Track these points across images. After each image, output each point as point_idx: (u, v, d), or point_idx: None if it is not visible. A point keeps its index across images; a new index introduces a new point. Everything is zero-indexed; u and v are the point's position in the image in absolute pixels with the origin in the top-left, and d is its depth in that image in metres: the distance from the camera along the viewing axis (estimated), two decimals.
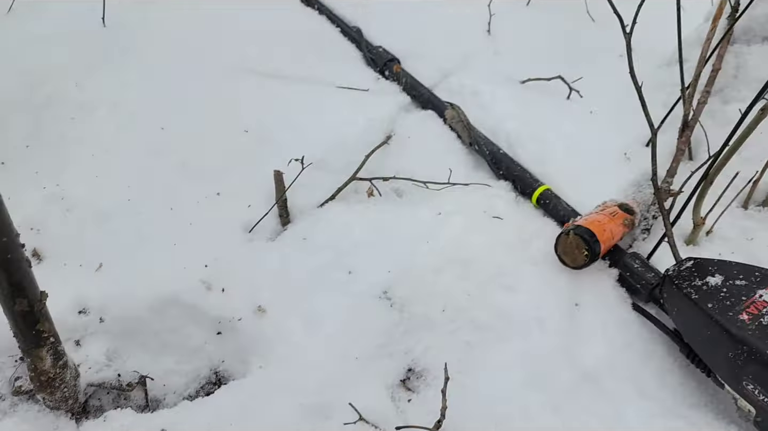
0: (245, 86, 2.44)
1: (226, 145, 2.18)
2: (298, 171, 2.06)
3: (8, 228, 1.27)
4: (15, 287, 1.33)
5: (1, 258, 1.28)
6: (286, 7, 2.96)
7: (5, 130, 2.03)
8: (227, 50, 2.62)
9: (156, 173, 2.07)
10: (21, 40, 2.39)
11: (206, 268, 1.84)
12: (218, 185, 2.07)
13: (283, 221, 2.02)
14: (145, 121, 2.19)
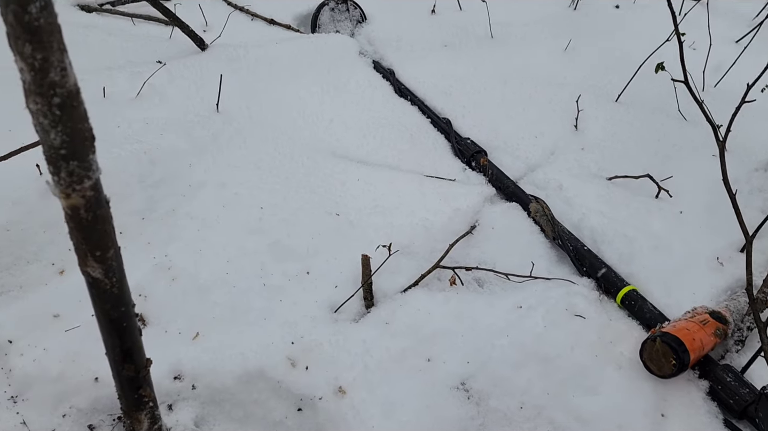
0: (338, 170, 2.59)
1: (317, 227, 2.30)
2: (384, 256, 2.15)
3: (127, 299, 1.41)
4: (125, 353, 1.46)
5: (117, 327, 1.41)
6: (381, 97, 3.15)
7: (125, 203, 2.24)
8: (324, 137, 2.81)
9: (252, 250, 2.21)
10: (144, 121, 2.67)
11: (292, 345, 1.93)
12: (308, 264, 2.19)
13: (367, 304, 2.09)
14: (246, 201, 2.36)
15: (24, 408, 1.79)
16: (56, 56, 0.98)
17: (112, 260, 1.38)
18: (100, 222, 1.27)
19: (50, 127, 1.06)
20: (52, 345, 1.85)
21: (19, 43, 0.94)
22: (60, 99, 1.02)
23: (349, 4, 3.79)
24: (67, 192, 1.17)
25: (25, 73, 0.98)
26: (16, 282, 2.00)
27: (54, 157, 1.10)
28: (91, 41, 3.19)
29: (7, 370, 1.84)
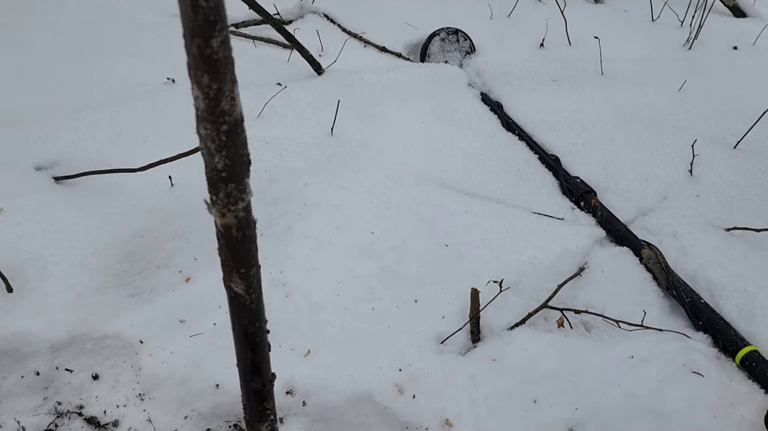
0: (447, 201, 2.63)
1: (426, 256, 2.34)
2: (493, 290, 2.15)
3: (262, 316, 1.49)
4: (255, 366, 1.54)
5: (251, 341, 1.49)
6: (488, 130, 3.18)
7: None
8: (432, 165, 2.86)
9: (362, 273, 2.27)
10: (265, 140, 2.82)
11: (400, 372, 1.96)
12: (416, 293, 2.22)
13: (473, 338, 2.10)
14: (358, 224, 2.44)
15: (150, 406, 1.91)
16: (228, 87, 1.07)
17: (253, 277, 1.46)
18: (248, 241, 1.36)
19: (216, 151, 1.15)
20: (178, 349, 1.98)
21: (198, 73, 1.03)
22: (227, 126, 1.11)
23: (460, 35, 3.85)
24: (222, 212, 1.25)
25: (199, 101, 1.08)
26: (147, 285, 2.15)
27: (215, 179, 1.20)
28: None
29: (137, 368, 1.98)
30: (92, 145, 2.65)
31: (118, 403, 1.92)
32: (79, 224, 2.28)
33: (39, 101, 2.84)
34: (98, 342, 1.99)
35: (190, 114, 2.61)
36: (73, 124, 2.71)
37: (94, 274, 2.10)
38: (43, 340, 1.93)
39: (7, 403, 1.90)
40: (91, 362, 1.98)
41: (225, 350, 2.00)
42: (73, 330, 1.97)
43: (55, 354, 1.95)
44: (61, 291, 2.03)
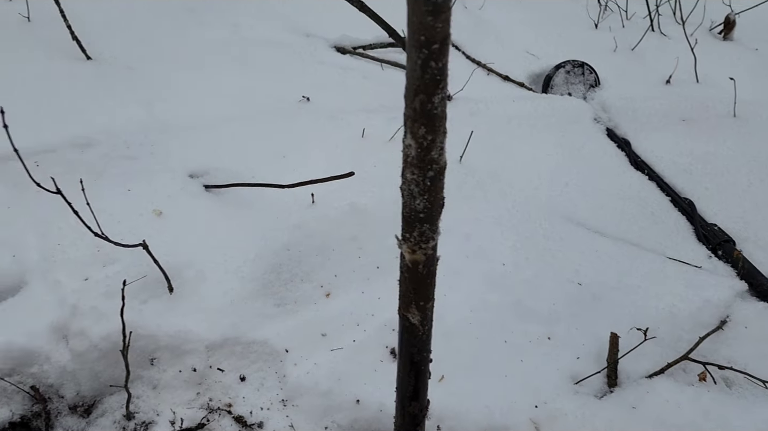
0: (576, 237, 2.62)
1: (558, 293, 2.34)
2: (630, 336, 2.13)
3: (429, 346, 1.54)
4: (415, 392, 1.60)
5: (416, 369, 1.55)
6: (616, 168, 3.14)
7: (384, 241, 2.44)
8: (559, 200, 2.86)
9: (494, 305, 2.30)
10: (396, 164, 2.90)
11: (536, 409, 1.97)
12: (549, 330, 2.23)
13: (610, 382, 2.08)
14: (489, 255, 2.47)
15: (293, 413, 2.01)
16: (440, 138, 1.13)
17: (429, 310, 1.53)
18: (431, 276, 1.43)
19: (418, 194, 1.23)
20: (321, 361, 2.07)
21: (415, 125, 1.10)
22: (433, 173, 1.18)
23: (585, 68, 3.83)
24: (413, 248, 1.33)
25: (411, 149, 1.15)
26: (292, 297, 2.26)
27: (412, 219, 1.27)
28: (349, 83, 3.54)
29: (281, 375, 2.08)
30: (239, 157, 2.82)
31: (262, 406, 2.03)
32: (229, 233, 2.43)
33: (192, 113, 3.05)
34: (247, 347, 2.12)
35: (325, 130, 2.75)
36: (223, 136, 2.90)
37: (246, 282, 2.24)
38: (201, 339, 2.08)
39: (164, 394, 2.06)
40: (239, 364, 2.11)
41: (364, 367, 2.08)
42: (227, 333, 2.11)
43: (210, 354, 2.09)
44: (216, 296, 2.18)
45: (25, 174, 2.58)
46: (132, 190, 2.56)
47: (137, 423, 2.02)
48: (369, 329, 2.17)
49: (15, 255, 2.27)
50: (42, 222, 2.39)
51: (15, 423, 2.02)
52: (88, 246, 2.32)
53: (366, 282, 2.32)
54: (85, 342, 2.02)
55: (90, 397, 2.09)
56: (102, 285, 2.15)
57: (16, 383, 2.01)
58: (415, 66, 0.99)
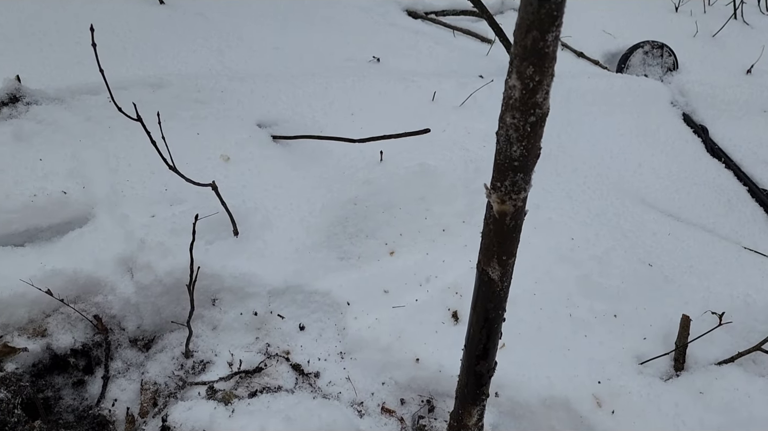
0: (648, 219, 2.52)
1: (628, 271, 2.26)
2: (701, 321, 2.04)
3: (505, 304, 1.50)
4: (485, 351, 1.56)
5: (489, 326, 1.51)
6: (692, 153, 3.01)
7: (451, 204, 2.39)
8: (632, 180, 2.76)
9: (560, 278, 2.23)
10: (466, 129, 2.83)
11: (599, 385, 1.91)
12: (616, 307, 2.15)
13: (677, 366, 2.00)
14: (558, 228, 2.39)
15: (350, 366, 1.99)
16: (547, 80, 1.06)
17: (511, 266, 1.47)
18: (517, 230, 1.37)
19: (516, 140, 1.16)
20: (382, 317, 2.04)
21: (523, 64, 1.03)
22: (535, 118, 1.11)
23: (665, 50, 3.67)
24: (503, 199, 1.27)
25: (514, 91, 1.08)
26: (356, 251, 2.24)
27: (505, 167, 1.21)
28: (421, 47, 3.47)
29: (340, 328, 2.07)
30: (308, 111, 2.80)
31: (320, 356, 2.02)
32: (295, 183, 2.42)
33: (263, 64, 3.04)
34: (308, 296, 2.11)
35: (395, 92, 2.68)
36: (293, 90, 2.88)
37: (311, 233, 2.22)
38: (264, 284, 2.07)
39: (224, 335, 2.06)
40: (299, 313, 2.10)
41: (425, 327, 2.05)
42: (290, 281, 2.10)
43: (271, 299, 2.09)
44: (282, 243, 2.17)
45: (97, 108, 2.62)
46: (201, 134, 2.56)
47: (195, 362, 2.03)
48: (432, 290, 2.13)
49: (85, 187, 2.30)
50: (112, 157, 2.41)
51: (76, 351, 2.06)
52: (156, 185, 2.33)
53: (431, 243, 2.28)
54: (150, 275, 2.04)
55: (150, 332, 2.12)
56: (169, 223, 2.16)
57: (80, 310, 2.04)
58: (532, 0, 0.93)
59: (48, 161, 2.33)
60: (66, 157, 2.36)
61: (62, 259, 2.05)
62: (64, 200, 2.22)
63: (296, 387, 1.94)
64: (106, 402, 2.00)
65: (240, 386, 1.92)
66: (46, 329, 1.99)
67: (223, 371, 1.97)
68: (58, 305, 2.01)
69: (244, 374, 1.95)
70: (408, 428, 1.88)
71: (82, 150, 2.42)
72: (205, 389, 1.90)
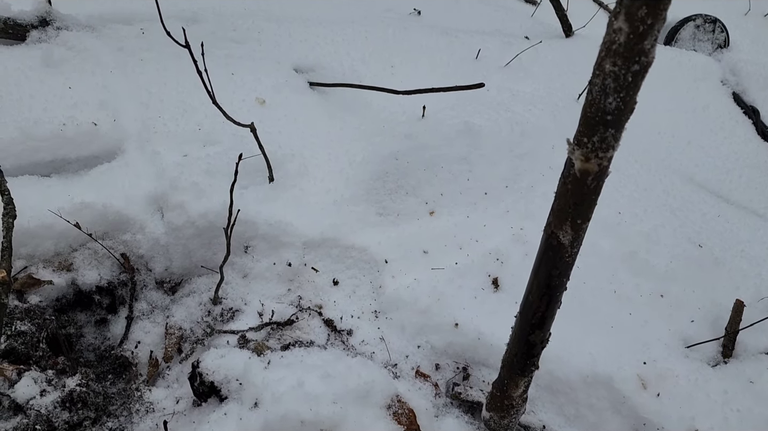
0: (697, 199, 2.41)
1: (677, 251, 2.16)
2: (754, 308, 1.95)
3: (570, 272, 1.40)
4: (541, 320, 1.47)
5: (551, 294, 1.41)
6: (742, 134, 2.88)
7: (495, 168, 2.28)
8: (680, 158, 2.64)
9: (606, 253, 2.13)
10: (511, 91, 2.70)
11: (644, 365, 1.83)
12: (663, 287, 2.06)
13: (725, 352, 1.92)
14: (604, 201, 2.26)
15: (385, 326, 1.91)
16: (659, 26, 0.95)
17: (584, 231, 1.37)
18: (596, 192, 1.27)
19: (614, 90, 1.05)
20: (422, 277, 1.95)
21: (635, 4, 0.92)
22: (639, 67, 1.00)
23: (717, 25, 3.50)
24: (588, 156, 1.16)
25: (620, 35, 0.97)
26: (395, 208, 2.14)
27: (596, 120, 1.10)
28: (463, 3, 3.31)
29: (376, 286, 1.98)
30: (346, 59, 2.66)
31: (353, 313, 1.94)
32: (334, 133, 2.30)
33: (300, 9, 2.89)
34: (344, 251, 2.02)
35: (437, 47, 2.54)
36: (331, 36, 2.74)
37: (350, 185, 2.12)
38: (299, 235, 1.98)
39: (255, 284, 1.98)
40: (334, 267, 2.01)
41: (464, 291, 1.96)
42: (326, 233, 2.01)
43: (306, 251, 2.00)
44: (319, 193, 2.07)
45: (129, 39, 2.48)
46: (236, 75, 2.43)
47: (224, 309, 1.95)
48: (472, 254, 2.04)
49: (116, 119, 2.19)
50: (144, 92, 2.30)
51: (101, 288, 1.98)
52: (189, 124, 2.22)
53: (472, 206, 2.18)
54: (182, 216, 1.94)
55: (178, 275, 2.04)
56: (203, 163, 2.06)
57: (108, 247, 1.96)
58: None
59: (78, 90, 2.21)
60: (96, 87, 2.24)
61: (91, 193, 1.96)
62: (93, 132, 2.12)
63: (329, 344, 1.87)
64: (129, 344, 1.93)
65: (271, 338, 1.84)
66: (72, 263, 1.91)
67: (253, 321, 1.90)
68: (85, 240, 1.93)
69: (276, 326, 1.87)
70: (442, 394, 1.81)
71: (114, 81, 2.30)
72: (235, 338, 1.82)
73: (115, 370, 1.89)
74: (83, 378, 1.73)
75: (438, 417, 1.74)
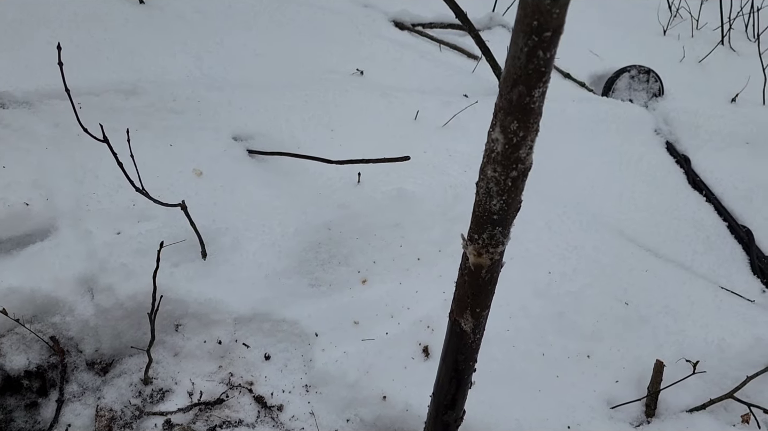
0: (626, 254, 2.49)
1: (603, 310, 2.22)
2: (674, 366, 2.01)
3: (476, 355, 1.45)
4: (452, 401, 1.51)
5: (459, 377, 1.46)
6: (673, 185, 2.99)
7: (426, 232, 2.34)
8: (611, 212, 2.73)
9: (535, 314, 2.19)
10: (448, 152, 2.78)
11: (568, 429, 1.87)
12: (590, 347, 2.12)
13: (648, 412, 1.97)
14: (535, 260, 2.35)
15: (315, 400, 1.93)
16: (531, 136, 1.01)
17: (484, 319, 1.42)
18: (492, 283, 1.32)
19: (497, 194, 1.11)
20: (351, 350, 1.98)
21: (507, 119, 0.98)
22: (516, 173, 1.06)
23: (651, 75, 3.65)
24: (480, 251, 1.21)
25: (497, 144, 1.03)
26: (327, 278, 2.18)
27: (484, 220, 1.15)
28: (406, 61, 3.40)
29: (307, 359, 2.01)
30: (285, 125, 2.72)
31: (284, 388, 1.96)
32: (269, 203, 2.34)
33: (244, 73, 2.95)
34: (275, 325, 2.04)
35: (376, 108, 2.61)
36: (272, 102, 2.80)
37: (282, 257, 2.15)
38: (230, 311, 2.00)
39: (185, 363, 1.99)
40: (265, 341, 2.03)
41: (394, 362, 2.00)
42: (257, 308, 2.03)
43: (237, 327, 2.02)
44: (251, 268, 2.10)
45: (65, 114, 2.51)
46: (174, 146, 2.47)
47: (154, 389, 1.95)
48: (403, 323, 2.08)
49: (48, 198, 2.20)
50: (80, 167, 2.32)
51: (30, 372, 1.97)
52: (124, 200, 2.24)
53: (405, 272, 2.23)
54: (111, 298, 1.96)
55: (109, 356, 2.04)
56: (134, 242, 2.08)
57: (36, 331, 1.96)
58: (520, 53, 0.87)
59: (11, 169, 2.23)
60: (31, 166, 2.26)
61: (20, 276, 1.96)
62: (26, 212, 2.13)
63: (258, 421, 1.88)
64: (60, 427, 1.92)
65: (199, 419, 1.85)
66: None
67: (183, 401, 1.90)
68: (13, 325, 1.93)
69: (204, 406, 1.88)
70: None
71: (48, 158, 2.32)
72: (162, 421, 1.82)
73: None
74: None
75: None
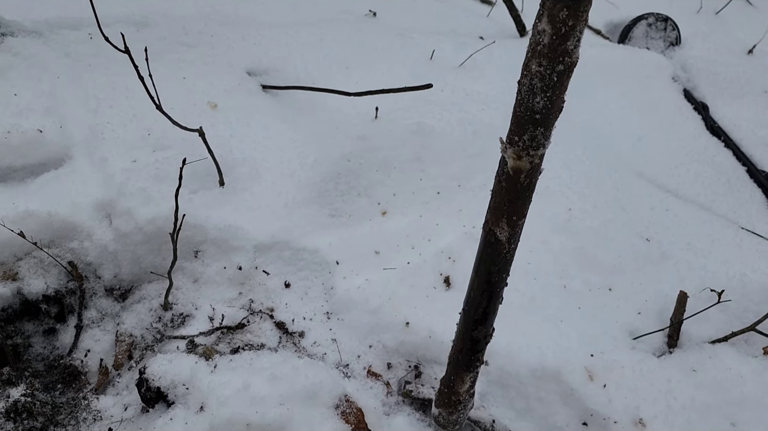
0: (646, 193, 2.46)
1: (625, 245, 2.20)
2: (696, 298, 2.00)
3: (510, 268, 1.42)
4: (484, 315, 1.49)
5: (491, 289, 1.43)
6: (692, 130, 2.95)
7: (447, 167, 2.30)
8: (630, 154, 2.69)
9: (556, 248, 2.16)
10: (465, 91, 2.73)
11: (591, 358, 1.87)
12: (611, 281, 2.10)
13: (670, 342, 1.97)
14: (555, 197, 2.32)
15: (337, 327, 1.92)
16: (580, 26, 0.97)
17: (520, 228, 1.39)
18: (531, 190, 1.29)
19: (540, 90, 1.07)
20: (372, 278, 1.97)
21: (556, 7, 0.94)
22: (563, 67, 1.02)
23: (669, 23, 3.58)
24: (519, 154, 1.18)
25: (544, 36, 0.99)
26: (347, 209, 2.15)
27: (525, 120, 1.12)
28: (419, 3, 3.33)
29: (328, 287, 1.99)
30: (300, 62, 2.67)
31: (305, 315, 1.95)
32: (286, 135, 2.30)
33: (255, 10, 2.88)
34: (296, 253, 2.02)
35: (392, 48, 2.56)
36: (285, 39, 2.74)
37: (302, 187, 2.12)
38: (250, 238, 1.98)
39: (205, 289, 1.97)
40: (286, 270, 2.01)
41: (416, 290, 1.98)
42: (277, 236, 2.01)
43: (257, 254, 2.00)
44: (270, 196, 2.07)
45: (77, 44, 2.45)
46: (187, 79, 2.42)
47: (174, 314, 1.94)
48: (424, 254, 2.06)
49: (62, 126, 2.16)
50: (92, 97, 2.27)
51: (48, 297, 1.95)
52: (139, 129, 2.20)
53: (425, 205, 2.20)
54: (130, 222, 1.93)
55: (128, 281, 2.02)
56: (152, 168, 2.05)
57: (54, 255, 1.93)
58: None
59: (23, 97, 2.18)
60: (43, 94, 2.21)
61: (36, 201, 1.93)
62: (39, 139, 2.09)
63: (280, 346, 1.87)
64: (79, 353, 1.91)
65: (221, 342, 1.83)
66: (17, 273, 1.88)
67: (204, 326, 1.89)
68: (30, 248, 1.90)
69: (226, 330, 1.86)
70: (394, 392, 1.82)
71: (60, 87, 2.27)
72: (184, 343, 1.81)
73: (64, 380, 1.86)
74: (28, 388, 1.70)
75: (389, 415, 1.76)
